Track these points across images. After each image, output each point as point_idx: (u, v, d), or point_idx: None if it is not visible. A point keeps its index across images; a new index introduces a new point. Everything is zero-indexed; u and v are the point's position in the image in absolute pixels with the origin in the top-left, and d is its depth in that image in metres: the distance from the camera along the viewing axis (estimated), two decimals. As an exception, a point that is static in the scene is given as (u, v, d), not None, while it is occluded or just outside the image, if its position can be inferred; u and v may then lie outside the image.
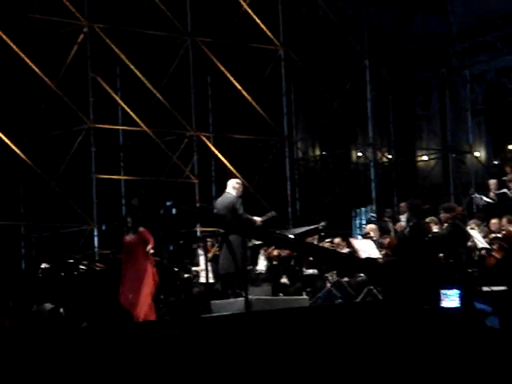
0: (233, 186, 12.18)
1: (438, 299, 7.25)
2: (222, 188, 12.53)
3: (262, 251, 14.66)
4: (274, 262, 14.69)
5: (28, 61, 17.85)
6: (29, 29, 18.12)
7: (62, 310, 14.12)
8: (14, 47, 17.73)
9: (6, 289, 15.28)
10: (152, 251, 12.59)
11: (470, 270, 12.00)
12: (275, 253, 14.68)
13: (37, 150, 18.04)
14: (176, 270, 14.53)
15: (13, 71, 18.24)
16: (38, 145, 18.23)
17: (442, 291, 7.25)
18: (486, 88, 23.15)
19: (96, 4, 18.64)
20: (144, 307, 12.34)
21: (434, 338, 7.68)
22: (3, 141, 17.54)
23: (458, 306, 7.14)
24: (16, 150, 17.71)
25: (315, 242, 14.62)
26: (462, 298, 7.10)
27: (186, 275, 14.63)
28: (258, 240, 12.57)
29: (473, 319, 7.29)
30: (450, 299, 7.21)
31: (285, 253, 14.70)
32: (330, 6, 21.32)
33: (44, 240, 18.75)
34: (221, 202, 12.18)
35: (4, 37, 17.62)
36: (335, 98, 20.89)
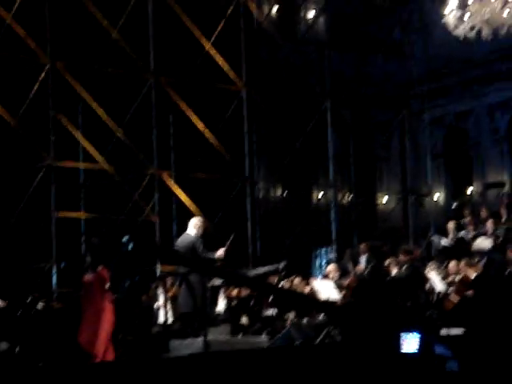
0: (194, 224, 12.18)
1: (398, 343, 7.24)
2: (183, 227, 12.52)
3: (221, 291, 14.63)
4: (234, 303, 14.65)
5: (-11, 97, 17.79)
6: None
7: (17, 349, 13.93)
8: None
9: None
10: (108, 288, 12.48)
11: (428, 313, 12.06)
12: (234, 293, 14.65)
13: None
14: (132, 307, 14.43)
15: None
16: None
17: (402, 334, 7.24)
18: (446, 131, 23.46)
19: (58, 41, 18.65)
20: (101, 346, 12.22)
21: (393, 382, 7.68)
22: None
23: (418, 349, 7.14)
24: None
25: (275, 282, 14.62)
26: (421, 341, 7.09)
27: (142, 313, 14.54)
28: (218, 278, 12.55)
29: (432, 363, 7.29)
30: (410, 343, 7.20)
31: (244, 293, 14.68)
32: (292, 48, 21.55)
33: (1, 277, 18.52)
34: (181, 241, 12.17)
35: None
36: (297, 139, 21.02)
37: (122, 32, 19.34)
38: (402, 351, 7.37)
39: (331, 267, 14.80)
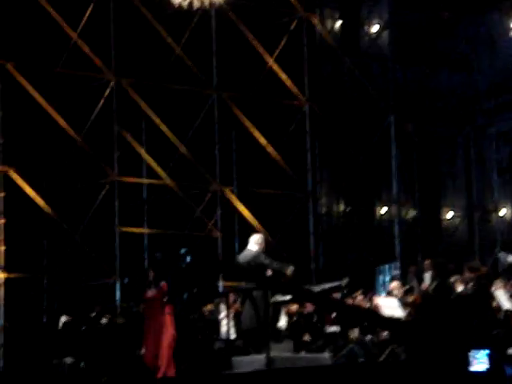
0: (255, 242, 12.10)
1: (467, 362, 7.05)
2: (245, 243, 12.45)
3: (283, 307, 14.53)
4: (294, 318, 14.53)
5: (54, 114, 18.03)
6: (56, 83, 18.34)
7: (82, 364, 14.03)
8: (41, 101, 17.93)
9: (27, 342, 15.23)
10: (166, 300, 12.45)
11: (495, 332, 11.80)
12: (294, 309, 14.53)
13: (61, 203, 18.11)
14: (193, 321, 14.43)
15: (39, 124, 18.42)
16: (62, 198, 18.30)
17: (471, 353, 7.05)
18: (512, 146, 23.07)
19: (123, 58, 18.86)
20: (164, 361, 12.22)
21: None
22: (27, 193, 17.64)
23: (487, 368, 6.94)
24: (40, 202, 17.80)
25: (338, 299, 14.48)
26: (491, 360, 6.90)
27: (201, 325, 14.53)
28: (285, 293, 12.38)
29: (503, 382, 7.08)
30: (479, 362, 7.00)
31: (307, 310, 14.56)
32: (356, 63, 21.44)
33: (66, 293, 18.73)
34: (243, 257, 12.10)
35: (31, 90, 17.83)
36: (360, 154, 20.88)
37: (185, 48, 19.47)
38: (472, 370, 7.20)
39: (395, 284, 14.60)
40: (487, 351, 6.82)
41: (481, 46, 22.27)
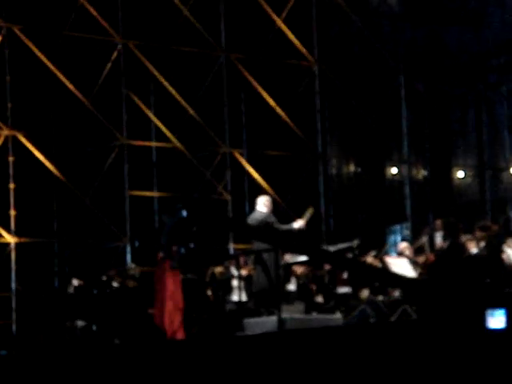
0: (263, 204, 12.06)
1: (484, 320, 7.02)
2: (255, 205, 12.41)
3: (293, 269, 14.52)
4: (300, 281, 14.51)
5: (62, 77, 17.95)
6: (63, 46, 18.22)
7: (94, 327, 14.08)
8: (49, 64, 17.83)
9: (39, 306, 15.29)
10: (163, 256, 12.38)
11: (507, 290, 11.77)
12: (302, 270, 14.51)
13: (70, 167, 18.09)
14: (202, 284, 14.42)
15: (47, 88, 18.33)
16: (71, 161, 18.27)
17: (487, 311, 7.02)
18: (524, 104, 22.86)
19: (130, 21, 18.71)
20: (172, 323, 12.23)
21: (481, 358, 7.45)
22: (37, 157, 17.61)
23: (505, 326, 6.92)
24: (49, 166, 17.78)
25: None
26: (508, 317, 6.87)
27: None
28: (300, 253, 12.33)
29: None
30: (496, 319, 6.98)
31: (318, 271, 14.56)
32: (365, 22, 21.23)
33: (77, 257, 18.76)
34: (252, 218, 12.06)
35: (39, 54, 17.73)
36: (370, 115, 20.75)
37: (192, 10, 19.29)
38: (489, 327, 7.17)
39: (404, 245, 14.57)
40: (503, 309, 6.79)
41: (491, 2, 22.00)
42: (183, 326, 12.37)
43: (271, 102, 19.85)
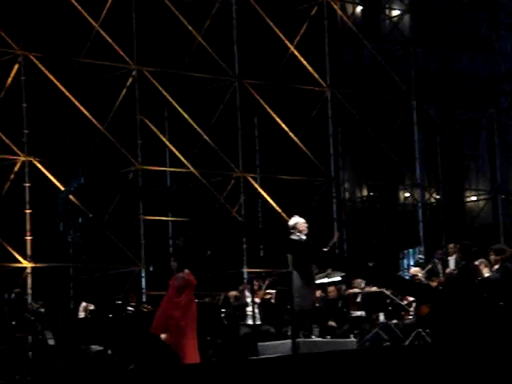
0: (297, 227, 11.99)
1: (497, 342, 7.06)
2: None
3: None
4: (317, 304, 14.56)
5: (78, 104, 18.14)
6: (79, 73, 18.44)
7: (109, 351, 14.13)
8: (65, 91, 18.03)
9: (55, 330, 15.37)
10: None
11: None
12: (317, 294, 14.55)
13: (85, 193, 18.21)
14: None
15: (63, 114, 18.54)
16: (86, 188, 18.40)
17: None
18: (536, 128, 22.92)
19: (144, 48, 18.92)
20: (190, 349, 12.28)
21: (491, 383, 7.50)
22: (53, 182, 17.77)
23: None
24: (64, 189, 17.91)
25: (362, 284, 14.51)
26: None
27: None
28: (343, 269, 12.09)
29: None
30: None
31: (332, 295, 14.60)
32: (377, 48, 21.38)
33: (92, 281, 18.87)
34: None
35: (55, 81, 17.93)
36: (382, 139, 20.85)
37: (206, 36, 19.49)
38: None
39: (416, 269, 14.62)
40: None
41: (502, 28, 22.13)
42: (198, 350, 12.41)
43: (284, 127, 19.98)
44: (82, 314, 15.15)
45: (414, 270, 14.68)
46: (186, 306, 12.17)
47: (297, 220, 11.65)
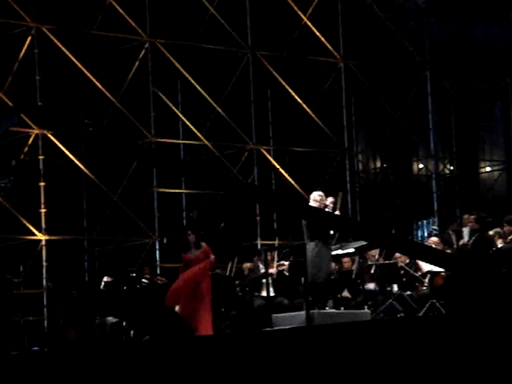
0: (314, 199, 12.07)
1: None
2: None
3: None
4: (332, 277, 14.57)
5: (90, 76, 18.12)
6: (92, 45, 18.40)
7: (124, 323, 14.22)
8: (78, 63, 18.01)
9: (69, 302, 15.46)
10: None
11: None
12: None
13: (99, 165, 18.27)
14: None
15: (75, 87, 18.52)
16: (100, 159, 18.45)
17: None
18: (551, 98, 22.75)
19: (157, 20, 18.85)
20: (205, 321, 12.33)
21: (506, 356, 7.48)
22: (67, 156, 17.80)
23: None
24: (79, 164, 17.96)
25: (376, 256, 14.51)
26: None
27: None
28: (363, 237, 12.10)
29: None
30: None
31: (347, 266, 14.61)
32: (390, 18, 21.23)
33: (106, 254, 18.94)
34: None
35: (67, 53, 17.91)
36: (396, 110, 20.76)
37: (218, 8, 19.40)
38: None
39: (434, 239, 14.59)
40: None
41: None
42: (212, 322, 12.48)
43: (297, 99, 19.91)
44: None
45: (432, 239, 14.65)
46: (199, 272, 12.23)
47: (313, 193, 11.87)
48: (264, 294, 14.21)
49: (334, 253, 12.85)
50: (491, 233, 13.19)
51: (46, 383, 10.16)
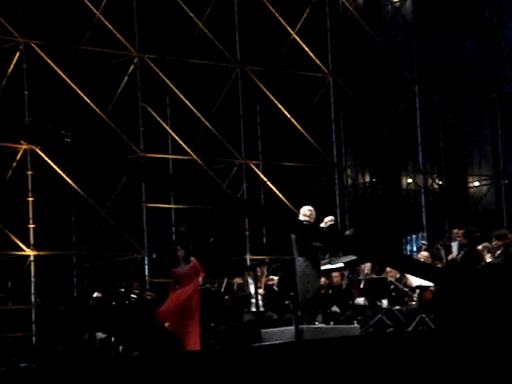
0: (304, 214, 12.05)
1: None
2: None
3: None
4: (322, 291, 14.57)
5: (79, 91, 18.11)
6: (80, 61, 18.40)
7: (113, 339, 14.17)
8: (66, 79, 18.01)
9: (58, 317, 15.39)
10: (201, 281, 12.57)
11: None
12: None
13: (88, 180, 18.24)
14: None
15: (64, 102, 18.51)
16: (89, 175, 18.43)
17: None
18: (538, 113, 22.86)
19: (146, 35, 18.87)
20: (193, 337, 12.31)
21: (495, 370, 7.49)
22: (56, 171, 17.77)
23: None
24: (68, 180, 17.93)
25: (366, 271, 14.52)
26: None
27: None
28: (347, 251, 12.10)
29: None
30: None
31: (336, 280, 14.61)
32: (379, 33, 21.32)
33: (95, 269, 18.88)
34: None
35: (56, 68, 17.90)
36: (385, 125, 20.81)
37: (207, 23, 19.44)
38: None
39: (423, 254, 14.61)
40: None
41: (505, 13, 22.06)
42: (200, 337, 12.45)
43: (286, 114, 19.95)
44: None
45: (422, 254, 14.67)
46: (192, 294, 12.24)
47: (303, 208, 11.83)
48: (253, 309, 14.18)
49: (323, 267, 12.83)
50: (480, 247, 13.20)
51: (34, 400, 10.09)
